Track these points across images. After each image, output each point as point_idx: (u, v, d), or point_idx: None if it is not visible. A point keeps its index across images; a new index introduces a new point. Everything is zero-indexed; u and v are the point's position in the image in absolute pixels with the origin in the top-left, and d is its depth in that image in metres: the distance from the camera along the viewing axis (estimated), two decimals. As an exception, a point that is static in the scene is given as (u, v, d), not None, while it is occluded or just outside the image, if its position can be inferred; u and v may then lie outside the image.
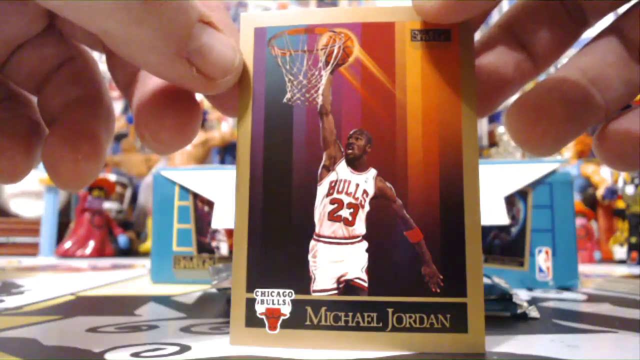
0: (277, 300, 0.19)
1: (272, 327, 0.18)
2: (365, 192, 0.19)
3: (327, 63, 0.20)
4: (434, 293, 0.18)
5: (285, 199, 0.19)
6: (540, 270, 0.41)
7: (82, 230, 1.01)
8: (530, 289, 0.41)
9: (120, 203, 1.19)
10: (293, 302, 0.19)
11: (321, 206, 0.19)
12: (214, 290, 0.38)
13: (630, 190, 0.91)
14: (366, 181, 0.19)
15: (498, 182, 0.42)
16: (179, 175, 0.46)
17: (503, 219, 0.41)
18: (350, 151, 0.19)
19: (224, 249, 0.46)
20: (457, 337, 0.18)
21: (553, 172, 0.42)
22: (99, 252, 1.00)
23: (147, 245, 1.10)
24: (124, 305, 0.31)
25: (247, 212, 0.19)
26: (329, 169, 0.19)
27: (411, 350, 0.18)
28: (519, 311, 0.26)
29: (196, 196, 0.46)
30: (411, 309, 0.18)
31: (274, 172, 0.19)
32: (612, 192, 1.07)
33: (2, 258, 0.88)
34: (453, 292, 0.18)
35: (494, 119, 1.72)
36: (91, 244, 1.00)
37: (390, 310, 0.18)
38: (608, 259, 1.04)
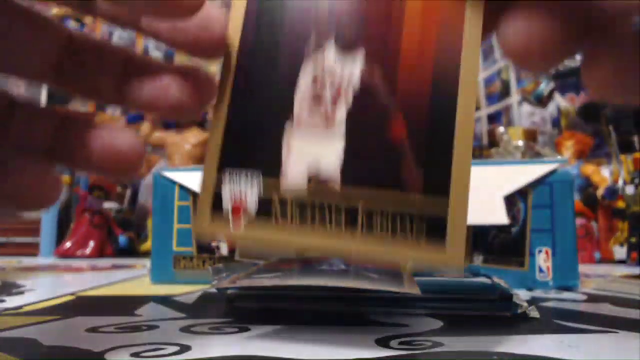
0: (245, 189, 0.18)
1: (237, 221, 0.18)
2: (351, 76, 0.18)
3: None
4: (412, 188, 0.17)
5: (270, 80, 0.18)
6: (540, 270, 0.41)
7: (82, 230, 1.01)
8: (530, 289, 0.41)
9: (120, 203, 1.19)
10: (260, 197, 0.18)
11: (302, 91, 0.18)
12: (214, 290, 0.37)
13: (630, 190, 0.92)
14: (353, 63, 0.18)
15: (498, 182, 0.42)
16: (179, 175, 0.46)
17: (503, 219, 0.41)
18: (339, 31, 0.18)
19: (224, 249, 0.46)
20: (433, 247, 0.16)
21: (553, 172, 0.42)
22: (99, 252, 1.00)
23: (147, 245, 1.10)
24: (124, 305, 0.31)
25: (231, 85, 0.18)
26: (315, 51, 0.18)
27: (382, 257, 0.17)
28: (519, 311, 0.26)
29: (196, 196, 0.46)
30: (385, 205, 0.17)
31: (262, 52, 0.18)
32: (612, 192, 1.07)
33: (2, 258, 0.88)
34: (434, 189, 0.17)
35: (494, 119, 1.72)
36: (91, 244, 1.00)
37: (360, 205, 0.17)
38: (608, 259, 1.04)
